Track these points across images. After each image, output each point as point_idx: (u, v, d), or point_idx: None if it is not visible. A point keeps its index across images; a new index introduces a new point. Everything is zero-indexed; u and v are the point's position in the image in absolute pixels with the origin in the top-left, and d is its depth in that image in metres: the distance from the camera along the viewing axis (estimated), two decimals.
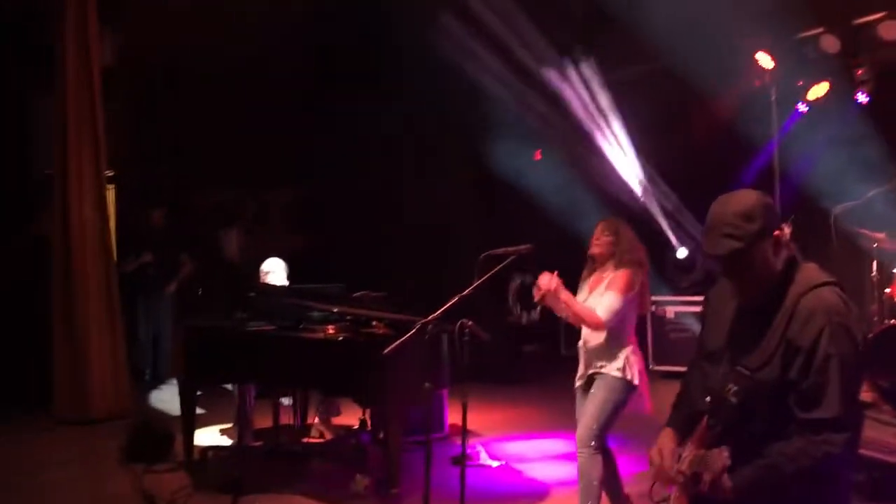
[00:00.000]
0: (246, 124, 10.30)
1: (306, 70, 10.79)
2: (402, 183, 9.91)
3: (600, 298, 4.21)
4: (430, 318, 4.17)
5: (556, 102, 9.24)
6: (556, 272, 4.19)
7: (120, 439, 6.01)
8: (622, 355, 4.19)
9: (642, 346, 8.96)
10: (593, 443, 4.14)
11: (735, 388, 2.28)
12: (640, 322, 8.74)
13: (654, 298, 8.53)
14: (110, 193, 9.19)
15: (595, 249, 4.33)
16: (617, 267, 4.25)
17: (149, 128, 10.42)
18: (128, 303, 8.01)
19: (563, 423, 5.98)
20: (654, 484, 2.56)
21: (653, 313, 8.56)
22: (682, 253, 9.11)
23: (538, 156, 9.88)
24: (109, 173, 8.78)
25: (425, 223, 9.56)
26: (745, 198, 2.35)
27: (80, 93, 7.26)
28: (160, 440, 5.98)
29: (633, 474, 5.25)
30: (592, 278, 4.36)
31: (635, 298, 4.26)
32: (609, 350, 4.22)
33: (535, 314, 4.32)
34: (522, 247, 4.13)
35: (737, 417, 2.28)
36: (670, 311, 8.70)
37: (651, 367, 8.47)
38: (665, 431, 2.50)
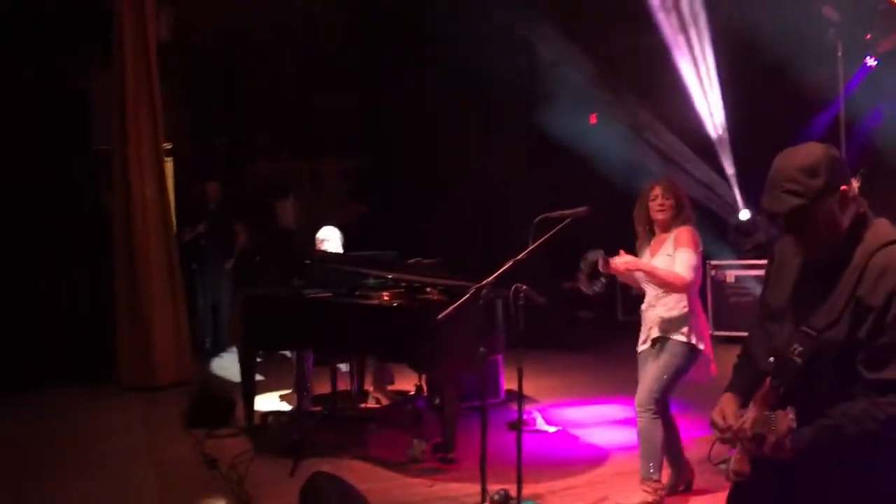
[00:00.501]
0: (300, 95, 10.35)
1: (359, 40, 10.77)
2: (456, 151, 9.83)
3: (671, 258, 4.11)
4: (483, 282, 4.14)
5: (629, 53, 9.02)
6: (620, 252, 4.13)
7: (182, 406, 6.17)
8: (686, 319, 4.11)
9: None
10: (653, 406, 4.07)
11: (800, 348, 2.19)
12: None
13: (714, 262, 8.37)
14: (168, 167, 9.34)
15: (659, 215, 4.19)
16: (676, 226, 4.15)
17: (204, 100, 10.56)
18: (186, 273, 8.17)
19: (621, 388, 5.92)
20: (712, 446, 2.52)
21: (713, 277, 8.39)
22: (744, 215, 8.88)
23: (593, 120, 9.70)
24: (167, 146, 8.92)
25: (480, 190, 9.47)
26: (809, 151, 2.23)
27: (138, 68, 7.34)
28: (221, 406, 6.11)
29: (693, 438, 5.17)
30: (653, 243, 4.27)
31: (700, 258, 4.16)
32: (673, 314, 4.13)
33: (601, 285, 4.25)
34: (580, 209, 4.05)
35: (801, 378, 2.20)
36: (731, 275, 8.49)
37: (711, 332, 8.30)
38: (726, 396, 2.43)
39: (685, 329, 4.09)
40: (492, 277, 4.10)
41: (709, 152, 9.12)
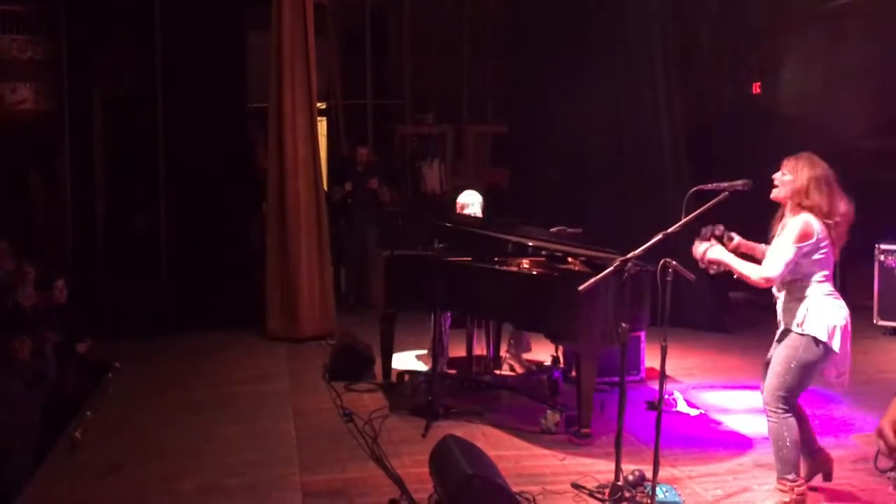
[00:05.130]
0: (450, 57, 10.36)
1: (512, 6, 10.64)
2: (609, 118, 9.47)
3: (772, 248, 3.79)
4: (629, 255, 3.97)
5: None
6: (717, 230, 3.83)
7: (324, 358, 6.36)
8: (803, 309, 3.76)
9: (867, 298, 8.09)
10: (781, 405, 3.79)
11: None
12: (867, 273, 7.87)
13: (883, 247, 7.70)
14: (321, 126, 9.58)
15: (773, 190, 3.83)
16: (793, 213, 3.76)
17: (356, 62, 10.77)
18: (335, 231, 8.37)
19: None
20: (877, 455, 2.31)
21: (881, 263, 7.73)
22: None
23: (756, 89, 9.13)
24: (320, 106, 9.13)
25: (635, 159, 9.10)
26: None
27: (295, 30, 7.50)
28: (361, 362, 6.26)
29: (855, 434, 4.84)
30: (781, 223, 3.89)
31: (828, 248, 3.73)
32: (789, 304, 3.82)
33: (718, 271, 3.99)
34: (739, 182, 3.80)
35: None
36: None
37: (876, 321, 7.71)
38: None
39: (801, 320, 3.75)
40: (638, 251, 3.93)
41: None
